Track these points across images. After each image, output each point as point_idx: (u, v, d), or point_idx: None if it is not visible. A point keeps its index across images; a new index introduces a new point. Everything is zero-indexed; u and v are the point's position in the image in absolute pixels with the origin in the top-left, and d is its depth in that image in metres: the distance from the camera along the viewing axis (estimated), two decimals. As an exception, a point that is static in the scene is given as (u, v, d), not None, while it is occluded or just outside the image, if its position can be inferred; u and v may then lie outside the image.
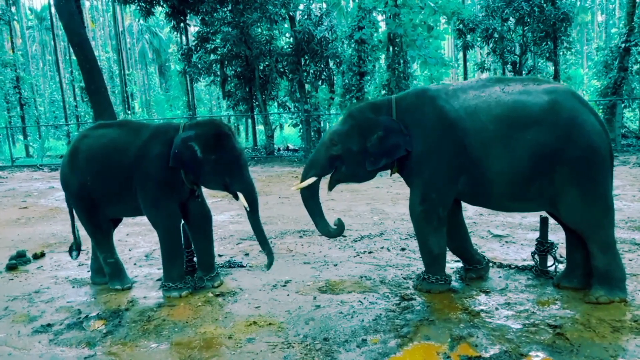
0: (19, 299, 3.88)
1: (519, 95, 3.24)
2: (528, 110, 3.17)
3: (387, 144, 3.46)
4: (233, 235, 5.74)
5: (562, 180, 3.17)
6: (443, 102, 3.39)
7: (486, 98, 3.29)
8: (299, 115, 16.73)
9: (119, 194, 3.81)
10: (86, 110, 25.12)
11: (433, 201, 3.45)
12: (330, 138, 3.63)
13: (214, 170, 3.61)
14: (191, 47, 18.02)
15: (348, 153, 3.58)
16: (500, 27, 16.29)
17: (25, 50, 38.76)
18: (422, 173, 3.46)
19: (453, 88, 3.48)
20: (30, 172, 15.37)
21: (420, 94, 3.54)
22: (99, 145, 3.83)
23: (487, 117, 3.23)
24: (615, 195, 7.09)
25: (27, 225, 6.84)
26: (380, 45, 16.33)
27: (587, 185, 3.17)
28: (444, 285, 3.62)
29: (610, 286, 3.26)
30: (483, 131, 3.23)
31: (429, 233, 3.53)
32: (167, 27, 26.64)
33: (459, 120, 3.30)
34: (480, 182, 3.35)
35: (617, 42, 15.38)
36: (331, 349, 2.83)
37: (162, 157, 3.63)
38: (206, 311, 3.49)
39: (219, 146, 3.59)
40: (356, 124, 3.57)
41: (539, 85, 3.30)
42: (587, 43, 38.35)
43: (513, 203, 3.48)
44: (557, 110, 3.14)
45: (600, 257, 3.27)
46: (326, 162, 3.66)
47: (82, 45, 13.92)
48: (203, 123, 3.75)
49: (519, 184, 3.26)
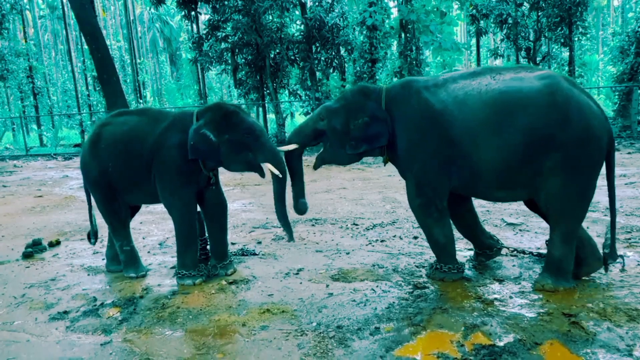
0: (36, 287, 3.94)
1: (511, 81, 3.15)
2: (521, 94, 3.07)
3: (370, 131, 3.47)
4: (245, 224, 5.76)
5: (551, 166, 3.07)
6: (429, 94, 3.35)
7: (476, 86, 3.22)
8: (310, 103, 16.66)
9: (138, 181, 3.84)
10: (98, 99, 25.24)
11: (427, 194, 3.45)
12: (319, 112, 3.69)
13: (233, 149, 3.62)
14: (202, 35, 17.96)
15: (332, 131, 3.61)
16: (514, 12, 16.07)
17: (37, 39, 38.96)
18: (412, 166, 3.47)
19: (443, 78, 3.43)
20: (44, 161, 15.53)
21: (407, 85, 3.52)
22: (120, 132, 3.86)
23: (476, 105, 3.16)
24: (632, 182, 7.01)
25: (42, 214, 6.93)
26: (392, 32, 16.19)
27: (574, 172, 3.08)
28: (457, 274, 3.61)
29: (557, 276, 3.28)
30: (471, 119, 3.16)
31: (431, 225, 3.54)
32: (178, 16, 26.63)
33: (444, 112, 3.25)
34: (468, 172, 3.29)
35: (633, 27, 15.10)
36: (344, 337, 2.84)
37: (179, 146, 3.65)
38: (220, 299, 3.51)
39: (230, 125, 3.61)
40: (346, 105, 3.60)
41: (532, 72, 3.22)
42: (603, 28, 37.63)
43: (500, 192, 3.39)
44: (552, 92, 3.03)
45: (559, 247, 3.24)
46: (310, 134, 3.71)
47: (93, 35, 13.97)
48: (209, 108, 3.76)
49: (508, 172, 3.17)
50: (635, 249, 4.07)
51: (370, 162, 10.42)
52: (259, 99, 18.71)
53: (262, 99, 18.67)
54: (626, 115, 14.34)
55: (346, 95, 3.69)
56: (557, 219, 3.24)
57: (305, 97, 17.77)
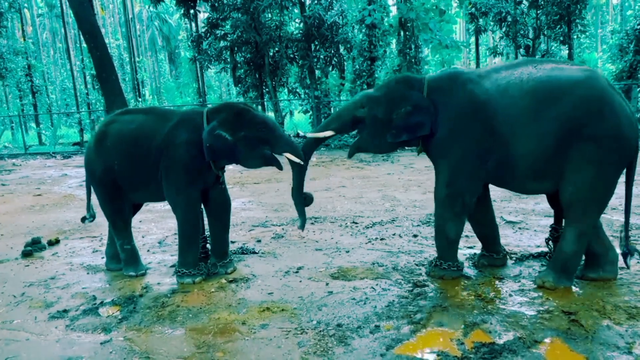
0: (35, 285, 3.94)
1: (552, 70, 3.19)
2: (560, 83, 3.11)
3: (413, 120, 3.44)
4: (245, 222, 5.76)
5: (581, 157, 3.08)
6: (474, 84, 3.35)
7: (519, 75, 3.25)
8: (309, 101, 16.67)
9: (145, 180, 3.84)
10: (97, 98, 25.19)
11: (460, 186, 3.41)
12: (360, 99, 3.66)
13: (250, 145, 3.64)
14: (201, 34, 17.96)
15: (373, 119, 3.58)
16: (513, 10, 16.06)
17: (36, 38, 38.90)
18: (449, 156, 3.42)
19: (487, 70, 3.46)
20: (43, 159, 15.51)
21: (453, 76, 3.51)
22: (127, 130, 3.85)
23: (518, 93, 3.19)
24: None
25: (42, 213, 6.92)
26: (392, 30, 16.17)
27: (602, 167, 3.08)
28: (457, 272, 3.61)
29: (560, 274, 3.29)
30: (512, 107, 3.19)
31: (450, 218, 3.50)
32: (177, 14, 26.56)
33: (488, 101, 3.26)
34: (506, 162, 3.29)
35: (632, 25, 15.09)
36: (344, 335, 2.84)
37: (188, 144, 3.66)
38: (219, 297, 3.51)
39: (243, 122, 3.64)
40: (388, 93, 3.58)
41: (573, 65, 3.28)
42: (602, 26, 37.64)
43: (532, 183, 3.38)
44: (591, 84, 3.08)
45: (571, 244, 3.24)
46: (349, 121, 3.69)
47: (92, 33, 13.95)
48: (220, 108, 3.78)
49: (542, 161, 3.18)
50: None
51: (369, 160, 10.41)
52: (258, 97, 18.70)
53: (261, 97, 18.66)
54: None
55: (389, 84, 3.66)
56: (577, 214, 3.21)
57: (304, 95, 17.77)
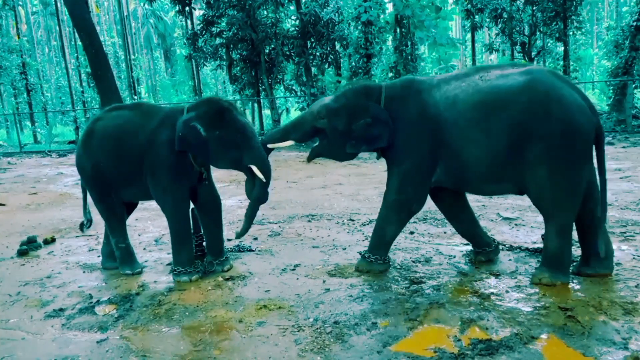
0: (31, 284, 3.92)
1: (496, 80, 3.24)
2: (503, 93, 3.17)
3: (372, 133, 3.51)
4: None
5: (535, 157, 3.12)
6: (426, 95, 3.42)
7: (465, 87, 3.31)
8: (305, 99, 16.64)
9: (131, 177, 3.82)
10: (92, 96, 25.10)
11: (408, 194, 3.53)
12: (319, 110, 3.68)
13: (221, 146, 3.59)
14: (196, 31, 17.89)
15: (333, 130, 3.63)
16: (509, 6, 16.07)
17: (30, 36, 38.72)
18: (401, 164, 3.52)
19: (437, 80, 3.51)
20: (38, 158, 15.45)
21: (407, 85, 3.58)
22: (112, 127, 3.84)
23: (464, 106, 3.26)
24: (627, 176, 7.04)
25: (37, 211, 6.89)
26: (388, 27, 16.18)
27: (558, 163, 3.11)
28: (383, 265, 3.74)
29: (555, 269, 3.30)
30: (460, 120, 3.26)
31: (393, 222, 3.64)
32: (172, 11, 26.49)
33: (438, 114, 3.34)
34: (458, 169, 3.40)
35: (628, 21, 15.11)
36: (341, 332, 2.84)
37: (170, 142, 3.63)
38: (216, 295, 3.50)
39: (221, 122, 3.58)
40: (348, 105, 3.60)
41: (517, 68, 3.29)
42: (598, 22, 37.71)
43: (490, 185, 3.47)
44: (533, 87, 3.11)
45: (554, 240, 3.27)
46: (309, 131, 3.73)
47: (87, 31, 13.86)
48: (202, 102, 3.75)
49: (496, 167, 3.26)
50: (630, 243, 4.09)
51: (366, 157, 10.41)
52: (254, 94, 18.66)
53: (258, 94, 18.62)
54: (621, 109, 14.38)
55: (347, 95, 3.66)
56: (549, 211, 3.27)
57: (300, 93, 17.75)
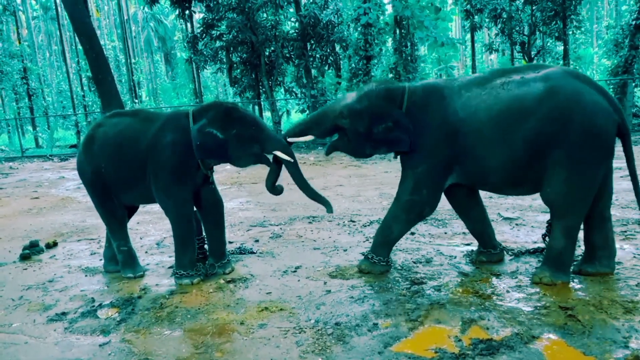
0: (34, 288, 3.93)
1: (516, 88, 3.21)
2: (524, 103, 3.15)
3: (392, 137, 3.50)
4: (243, 222, 5.76)
5: (555, 161, 3.14)
6: (447, 102, 3.40)
7: (486, 97, 3.28)
8: (305, 100, 16.67)
9: (133, 182, 3.84)
10: (94, 100, 25.19)
11: (422, 196, 3.52)
12: (341, 110, 3.64)
13: (241, 143, 3.65)
14: (196, 34, 17.93)
15: (354, 131, 3.62)
16: (508, 6, 16.08)
17: (31, 40, 38.80)
18: (417, 167, 3.51)
19: (458, 85, 3.46)
20: (40, 162, 15.49)
21: (429, 91, 3.52)
22: (113, 133, 3.86)
23: (486, 117, 3.24)
24: (627, 175, 7.01)
25: (39, 215, 6.91)
26: (387, 28, 16.20)
27: (578, 167, 3.12)
28: (385, 266, 3.74)
29: (556, 269, 3.31)
30: (482, 130, 3.25)
31: (401, 222, 3.64)
32: (172, 15, 26.50)
33: (459, 122, 3.33)
34: (477, 174, 3.43)
35: (627, 20, 15.12)
36: (343, 334, 2.85)
37: (174, 145, 3.66)
38: (218, 298, 3.51)
39: (233, 120, 3.64)
40: (370, 107, 3.57)
41: (537, 72, 3.24)
42: (597, 21, 37.70)
43: (510, 189, 3.56)
44: (553, 95, 3.09)
45: (560, 240, 3.28)
46: (330, 128, 3.73)
47: (87, 35, 13.88)
48: (208, 107, 3.77)
49: (517, 172, 3.28)
50: (631, 242, 4.10)
51: (367, 159, 10.44)
52: (254, 97, 18.69)
53: (258, 97, 18.65)
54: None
55: (371, 97, 3.59)
56: (560, 212, 3.27)
57: (300, 95, 17.78)
